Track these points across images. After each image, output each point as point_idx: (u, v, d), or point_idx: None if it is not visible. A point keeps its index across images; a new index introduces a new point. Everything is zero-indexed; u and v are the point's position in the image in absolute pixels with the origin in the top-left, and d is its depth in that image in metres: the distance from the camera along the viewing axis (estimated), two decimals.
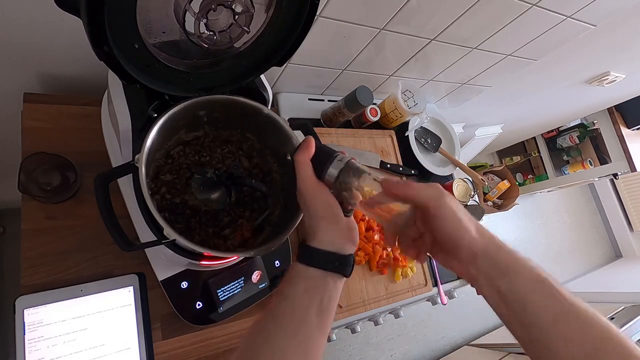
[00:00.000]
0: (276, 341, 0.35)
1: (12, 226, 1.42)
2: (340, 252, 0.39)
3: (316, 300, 0.36)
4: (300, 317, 0.36)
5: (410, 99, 1.01)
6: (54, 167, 0.63)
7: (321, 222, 0.40)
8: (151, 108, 0.49)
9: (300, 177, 0.41)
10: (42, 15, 0.57)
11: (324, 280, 0.37)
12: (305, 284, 0.37)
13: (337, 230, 0.39)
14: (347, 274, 0.39)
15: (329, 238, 0.39)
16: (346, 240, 0.40)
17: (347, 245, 0.40)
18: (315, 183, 0.41)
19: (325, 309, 0.37)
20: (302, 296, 0.36)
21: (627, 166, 2.25)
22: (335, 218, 0.40)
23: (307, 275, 0.37)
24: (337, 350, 1.84)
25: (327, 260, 0.38)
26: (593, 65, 1.24)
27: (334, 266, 0.38)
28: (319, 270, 0.37)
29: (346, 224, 0.40)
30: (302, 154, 0.42)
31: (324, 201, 0.40)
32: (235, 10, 0.41)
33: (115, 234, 0.44)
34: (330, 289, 0.37)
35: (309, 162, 0.41)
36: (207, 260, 0.56)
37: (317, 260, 0.38)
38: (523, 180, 2.81)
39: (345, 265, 0.39)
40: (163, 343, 0.63)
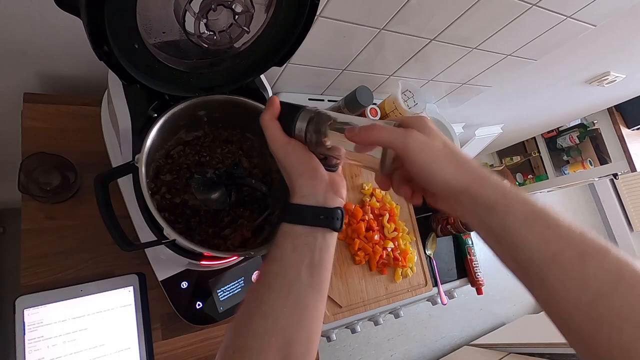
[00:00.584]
0: (268, 304, 0.33)
1: (12, 226, 1.42)
2: (325, 205, 0.37)
3: (306, 258, 0.35)
4: (292, 277, 0.34)
5: (410, 99, 1.01)
6: (54, 167, 0.63)
7: (299, 178, 0.38)
8: (151, 108, 0.49)
9: (269, 137, 0.39)
10: (42, 15, 0.57)
11: (312, 235, 0.36)
12: (292, 243, 0.35)
13: (318, 184, 0.37)
14: (337, 227, 0.37)
15: (310, 192, 0.37)
16: (330, 192, 0.38)
17: (331, 198, 0.38)
18: (284, 140, 0.38)
19: (317, 265, 0.35)
20: (290, 255, 0.35)
21: (627, 166, 2.25)
22: (314, 172, 0.38)
23: (293, 233, 0.36)
24: (337, 350, 1.84)
25: (312, 215, 0.36)
26: (593, 65, 1.24)
27: (319, 220, 0.36)
28: (305, 227, 0.36)
29: (329, 177, 0.38)
30: (267, 113, 0.40)
31: (297, 157, 0.38)
32: (235, 10, 0.41)
33: (115, 234, 0.44)
34: (320, 244, 0.36)
35: (275, 121, 0.39)
36: (207, 260, 0.56)
37: (301, 217, 0.36)
38: (523, 180, 2.81)
39: (332, 218, 0.36)
40: (163, 343, 0.63)
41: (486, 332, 2.28)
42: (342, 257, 0.83)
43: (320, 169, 0.38)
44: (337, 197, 0.38)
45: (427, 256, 0.97)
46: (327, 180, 0.38)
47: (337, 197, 0.38)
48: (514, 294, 2.58)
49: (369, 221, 0.88)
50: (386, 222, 0.90)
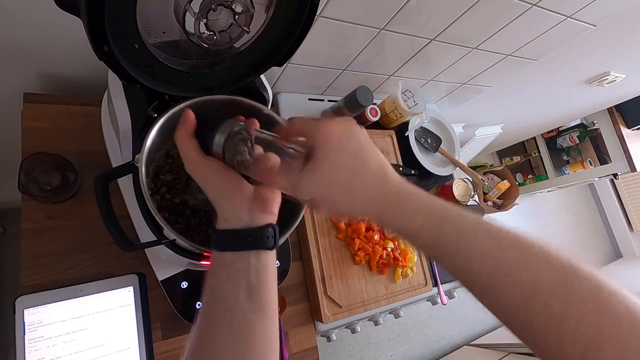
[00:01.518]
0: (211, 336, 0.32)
1: (12, 226, 1.42)
2: (251, 225, 0.34)
3: (242, 284, 0.33)
4: (230, 306, 0.32)
5: (410, 99, 1.01)
6: (54, 167, 0.63)
7: (219, 201, 0.35)
8: (151, 108, 0.49)
9: (182, 156, 0.36)
10: (42, 15, 0.57)
11: (244, 260, 0.33)
12: (225, 271, 0.33)
13: (240, 204, 0.35)
14: (269, 246, 0.34)
15: (232, 215, 0.35)
16: (257, 210, 0.35)
17: (258, 217, 0.35)
18: (199, 160, 0.35)
19: (255, 289, 0.33)
20: (225, 284, 0.33)
21: (627, 166, 2.25)
22: (233, 191, 0.35)
23: (223, 261, 0.34)
24: (337, 350, 1.84)
25: (238, 239, 0.34)
26: (593, 65, 1.24)
27: (247, 243, 0.34)
28: (234, 253, 0.34)
29: (255, 193, 0.36)
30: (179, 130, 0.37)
31: (214, 176, 0.35)
32: (235, 10, 0.41)
33: (115, 234, 0.44)
34: (255, 267, 0.33)
35: (190, 138, 0.36)
36: (207, 260, 0.56)
37: (227, 243, 0.34)
38: (523, 180, 2.81)
39: (261, 237, 0.34)
40: (163, 343, 0.63)
41: (486, 332, 2.28)
42: (342, 257, 0.83)
43: (241, 186, 0.36)
44: (267, 214, 0.36)
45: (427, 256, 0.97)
46: (251, 197, 0.35)
47: (266, 214, 0.36)
48: None
49: (369, 221, 0.88)
50: None
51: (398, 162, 1.01)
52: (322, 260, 0.80)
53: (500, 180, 2.15)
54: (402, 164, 1.01)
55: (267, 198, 0.36)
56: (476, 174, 1.11)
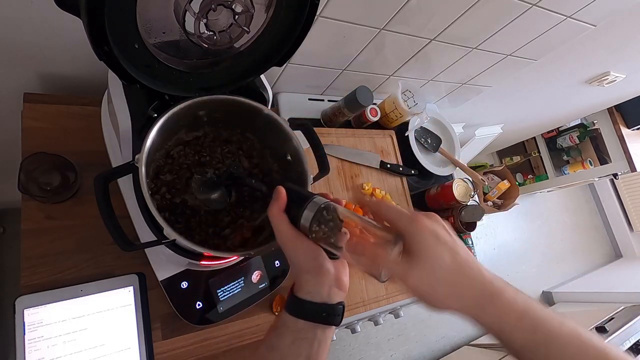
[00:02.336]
0: None
1: (12, 226, 1.42)
2: (328, 301, 0.38)
3: (304, 351, 0.36)
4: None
5: (410, 99, 1.01)
6: (54, 167, 0.63)
7: (305, 274, 0.38)
8: (151, 108, 0.49)
9: (276, 232, 0.39)
10: (42, 15, 0.57)
11: (312, 331, 0.36)
12: (292, 336, 0.36)
13: (323, 281, 0.38)
14: (337, 323, 0.38)
15: (315, 289, 0.38)
16: (334, 288, 0.38)
17: (335, 294, 0.38)
18: (292, 235, 0.38)
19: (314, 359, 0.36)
20: (289, 347, 0.36)
21: (627, 166, 2.25)
22: (319, 268, 0.38)
23: (294, 327, 0.37)
24: (337, 350, 1.84)
25: (314, 312, 0.37)
26: (593, 65, 1.24)
27: (321, 317, 0.37)
28: (307, 322, 0.37)
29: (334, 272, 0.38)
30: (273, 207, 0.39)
31: (304, 253, 0.38)
32: (235, 10, 0.42)
33: (115, 234, 0.44)
34: (319, 339, 0.37)
35: (282, 214, 0.39)
36: (207, 260, 0.56)
37: (303, 312, 0.37)
38: (523, 180, 2.81)
39: (334, 315, 0.38)
40: (163, 343, 0.63)
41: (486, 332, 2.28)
42: None
43: (327, 264, 0.38)
44: (340, 292, 0.39)
45: None
46: (333, 275, 0.38)
47: (340, 292, 0.39)
48: None
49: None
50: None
51: (398, 162, 1.01)
52: None
53: (500, 180, 2.15)
54: (402, 164, 1.01)
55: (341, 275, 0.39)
56: (476, 174, 1.11)
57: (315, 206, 0.38)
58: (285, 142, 0.53)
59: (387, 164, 0.97)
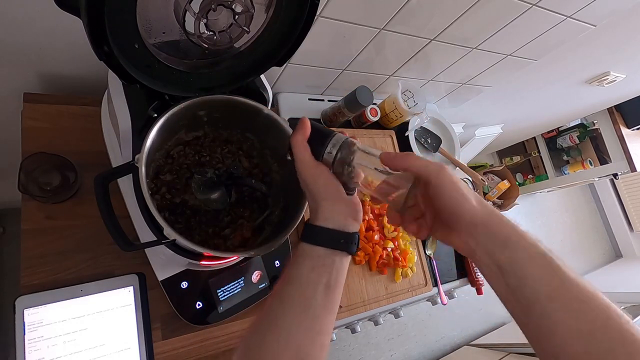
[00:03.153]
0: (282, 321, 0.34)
1: (12, 226, 1.42)
2: (345, 229, 0.38)
3: (323, 279, 0.36)
4: (308, 297, 0.35)
5: (410, 99, 1.01)
6: (54, 167, 0.63)
7: (323, 202, 0.39)
8: (151, 108, 0.49)
9: (298, 159, 0.40)
10: (42, 15, 0.57)
11: (331, 258, 0.37)
12: (311, 263, 0.36)
13: (341, 209, 0.39)
14: (353, 252, 0.39)
15: (332, 216, 0.38)
16: (350, 218, 0.39)
17: (351, 224, 0.39)
18: (313, 164, 0.40)
19: (332, 287, 0.36)
20: (308, 275, 0.36)
21: (627, 166, 2.25)
22: (338, 197, 0.39)
23: (313, 254, 0.37)
24: (337, 350, 1.84)
25: (332, 238, 0.38)
26: (593, 65, 1.24)
27: (339, 244, 0.38)
28: (325, 249, 0.37)
29: (350, 203, 0.40)
30: (298, 135, 0.41)
31: (324, 182, 0.39)
32: (235, 10, 0.42)
33: (115, 234, 0.44)
34: (337, 267, 0.37)
35: (305, 143, 0.41)
36: (207, 260, 0.56)
37: (322, 239, 0.37)
38: (523, 180, 2.81)
39: (351, 242, 0.38)
40: (163, 343, 0.63)
41: (486, 332, 2.28)
42: None
43: (344, 194, 0.40)
44: (356, 222, 0.40)
45: (427, 256, 0.97)
46: (349, 206, 0.40)
47: (355, 223, 0.40)
48: None
49: (369, 221, 0.88)
50: (386, 222, 0.90)
51: None
52: None
53: (500, 180, 2.15)
54: None
55: (357, 208, 0.40)
56: (476, 174, 1.11)
57: (339, 141, 0.39)
58: (285, 142, 0.53)
59: None
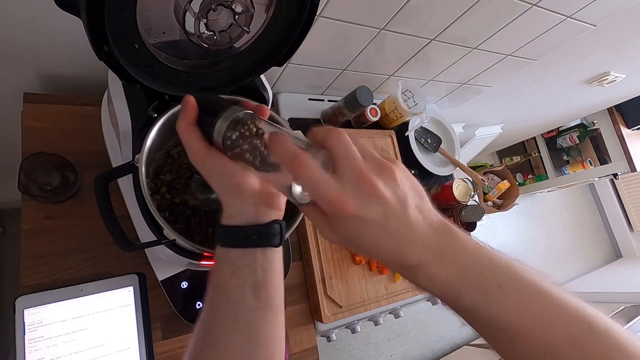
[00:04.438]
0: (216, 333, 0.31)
1: (12, 226, 1.42)
2: (257, 222, 0.33)
3: (248, 280, 0.32)
4: (235, 302, 0.32)
5: (410, 99, 1.01)
6: (54, 167, 0.63)
7: (224, 196, 0.34)
8: (151, 108, 0.49)
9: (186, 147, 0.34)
10: (42, 15, 0.57)
11: (250, 257, 0.32)
12: (230, 267, 0.32)
13: (245, 200, 0.33)
14: (275, 244, 0.33)
15: (237, 210, 0.33)
16: (262, 207, 0.34)
17: (264, 213, 0.34)
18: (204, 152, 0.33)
19: (262, 286, 0.32)
20: (230, 280, 0.32)
21: (627, 166, 2.25)
22: (238, 188, 0.33)
23: (228, 257, 0.33)
24: (337, 350, 1.84)
25: (243, 236, 0.33)
26: (593, 65, 1.24)
27: (253, 240, 0.33)
28: (240, 250, 0.33)
29: (260, 189, 0.34)
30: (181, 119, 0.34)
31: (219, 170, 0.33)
32: (235, 10, 0.41)
33: (115, 234, 0.44)
34: (261, 264, 0.33)
35: (192, 128, 0.34)
36: (207, 260, 0.56)
37: (232, 239, 0.33)
38: (523, 180, 2.81)
39: (267, 235, 0.33)
40: (163, 343, 0.63)
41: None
42: (342, 257, 0.83)
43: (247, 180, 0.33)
44: (273, 210, 0.35)
45: None
46: (258, 193, 0.34)
47: (272, 210, 0.35)
48: None
49: None
50: None
51: None
52: (322, 260, 0.80)
53: (500, 180, 2.15)
54: None
55: (273, 193, 0.34)
56: (476, 174, 1.11)
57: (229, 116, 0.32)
58: None
59: None
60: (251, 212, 0.33)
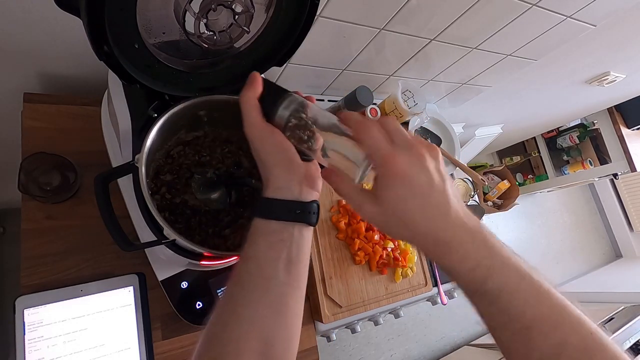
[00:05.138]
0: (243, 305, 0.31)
1: (12, 226, 1.42)
2: (300, 199, 0.35)
3: (283, 254, 0.33)
4: (268, 276, 0.32)
5: (410, 99, 1.01)
6: (54, 167, 0.63)
7: (274, 169, 0.35)
8: (151, 108, 0.49)
9: (247, 119, 0.36)
10: (42, 15, 0.57)
11: (288, 231, 0.34)
12: (267, 239, 0.33)
13: (293, 176, 0.35)
14: (312, 222, 0.35)
15: (285, 185, 0.35)
16: (305, 186, 0.36)
17: (307, 192, 0.36)
18: (263, 126, 0.35)
19: (294, 262, 0.33)
20: (265, 253, 0.33)
21: (627, 166, 2.25)
22: (290, 163, 0.35)
23: (267, 229, 0.34)
24: (337, 350, 1.84)
25: (287, 210, 0.34)
26: (593, 65, 1.24)
27: (295, 215, 0.34)
28: (280, 222, 0.34)
29: (305, 169, 0.36)
30: (247, 92, 0.36)
31: (274, 145, 0.35)
32: (235, 10, 0.42)
33: (115, 234, 0.44)
34: (297, 240, 0.34)
35: (256, 102, 0.36)
36: (207, 260, 0.56)
37: (275, 212, 0.34)
38: (523, 180, 2.81)
39: (308, 212, 0.35)
40: (163, 343, 0.63)
41: (486, 332, 2.27)
42: (342, 257, 0.83)
43: (297, 159, 0.35)
44: (313, 191, 0.37)
45: None
46: (304, 172, 0.36)
47: (313, 191, 0.36)
48: None
49: None
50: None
51: None
52: (322, 260, 0.80)
53: (500, 180, 2.15)
54: None
55: (313, 174, 0.37)
56: (476, 174, 1.11)
57: (293, 102, 0.36)
58: None
59: None
60: (296, 189, 0.35)
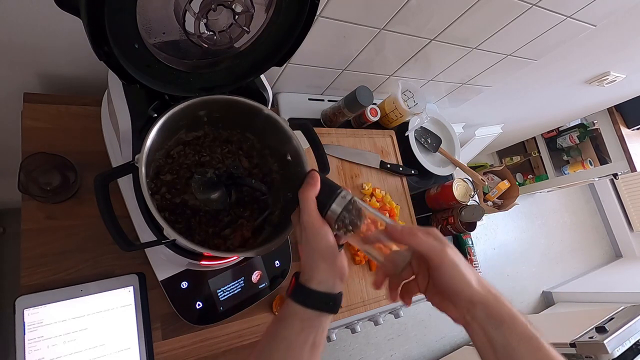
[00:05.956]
0: None
1: (12, 226, 1.42)
2: (333, 291, 0.40)
3: (310, 338, 0.37)
4: (295, 356, 0.37)
5: (410, 99, 1.01)
6: (54, 167, 0.63)
7: (321, 262, 0.40)
8: (151, 108, 0.49)
9: (306, 213, 0.40)
10: (42, 15, 0.57)
11: (318, 319, 0.38)
12: (301, 324, 0.38)
13: (332, 270, 0.40)
14: (337, 311, 0.40)
15: (326, 279, 0.39)
16: (338, 279, 0.40)
17: (338, 285, 0.40)
18: (320, 221, 0.40)
19: (317, 346, 0.38)
20: (298, 335, 0.37)
21: (627, 166, 2.25)
22: (334, 261, 0.40)
23: (303, 316, 0.38)
24: (337, 350, 1.84)
25: (323, 301, 0.39)
26: (593, 65, 1.24)
27: (328, 306, 0.39)
28: (315, 311, 0.38)
29: (340, 263, 0.41)
30: (308, 191, 0.41)
31: (327, 241, 0.40)
32: (235, 10, 0.42)
33: (115, 234, 0.44)
34: (323, 326, 0.39)
35: (314, 199, 0.41)
36: (207, 260, 0.56)
37: (313, 302, 0.39)
38: (523, 180, 2.81)
39: (337, 304, 0.40)
40: (163, 343, 0.63)
41: None
42: None
43: (340, 256, 0.40)
44: (342, 283, 0.41)
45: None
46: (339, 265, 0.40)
47: (341, 283, 0.41)
48: (513, 294, 2.59)
49: None
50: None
51: (398, 162, 1.01)
52: None
53: (500, 180, 2.15)
54: (402, 164, 1.01)
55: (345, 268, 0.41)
56: (476, 174, 1.11)
57: (345, 200, 0.40)
58: (285, 142, 0.53)
59: (387, 164, 0.97)
60: (332, 282, 0.40)
